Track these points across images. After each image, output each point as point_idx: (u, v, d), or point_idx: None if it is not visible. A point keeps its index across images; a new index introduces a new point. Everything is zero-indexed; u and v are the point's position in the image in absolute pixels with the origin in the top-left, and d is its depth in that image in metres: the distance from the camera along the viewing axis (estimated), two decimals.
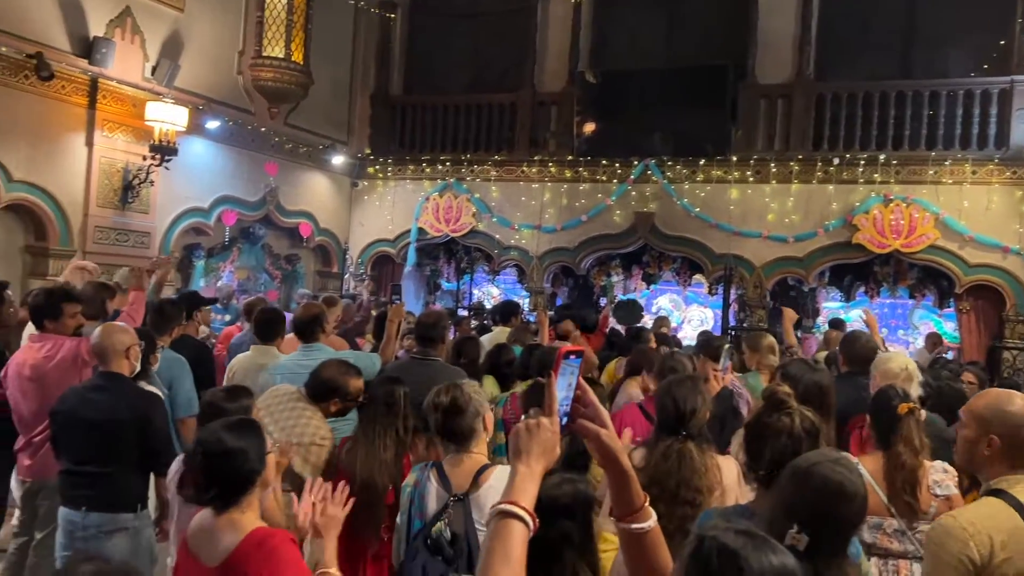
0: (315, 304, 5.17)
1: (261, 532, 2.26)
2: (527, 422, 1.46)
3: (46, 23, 7.20)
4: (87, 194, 7.65)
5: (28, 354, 4.18)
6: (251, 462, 2.29)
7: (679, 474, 2.80)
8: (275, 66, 9.43)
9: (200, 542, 2.28)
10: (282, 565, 2.19)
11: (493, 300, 11.79)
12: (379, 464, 3.23)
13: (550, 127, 10.87)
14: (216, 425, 2.35)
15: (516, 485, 1.41)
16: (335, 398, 3.63)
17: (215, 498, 2.26)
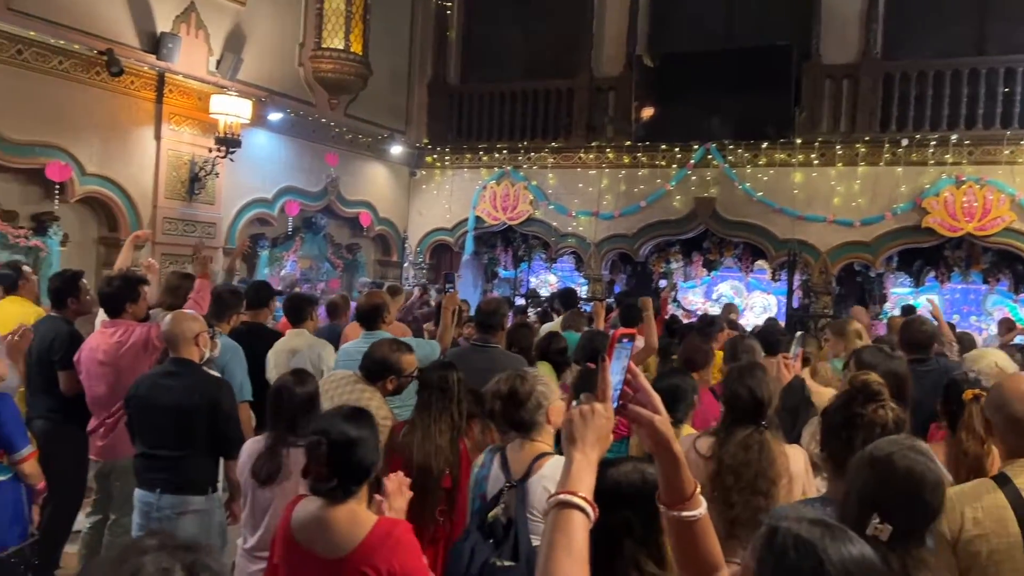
0: (378, 293, 5.27)
1: (387, 523, 2.26)
2: (581, 408, 1.41)
3: (116, 20, 7.41)
4: (156, 186, 7.88)
5: (101, 339, 4.33)
6: (371, 452, 2.29)
7: (759, 464, 2.76)
8: (335, 57, 9.54)
9: (314, 534, 2.25)
10: (409, 555, 2.21)
11: (550, 288, 11.77)
12: (435, 449, 3.25)
13: (608, 112, 10.77)
14: (335, 415, 2.34)
15: (573, 474, 1.36)
16: (390, 375, 3.72)
17: (335, 488, 2.23)
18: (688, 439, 3.09)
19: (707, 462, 2.91)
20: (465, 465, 3.29)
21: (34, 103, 6.77)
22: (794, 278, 9.30)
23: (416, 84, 11.58)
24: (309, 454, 2.25)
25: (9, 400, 3.40)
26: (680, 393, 3.55)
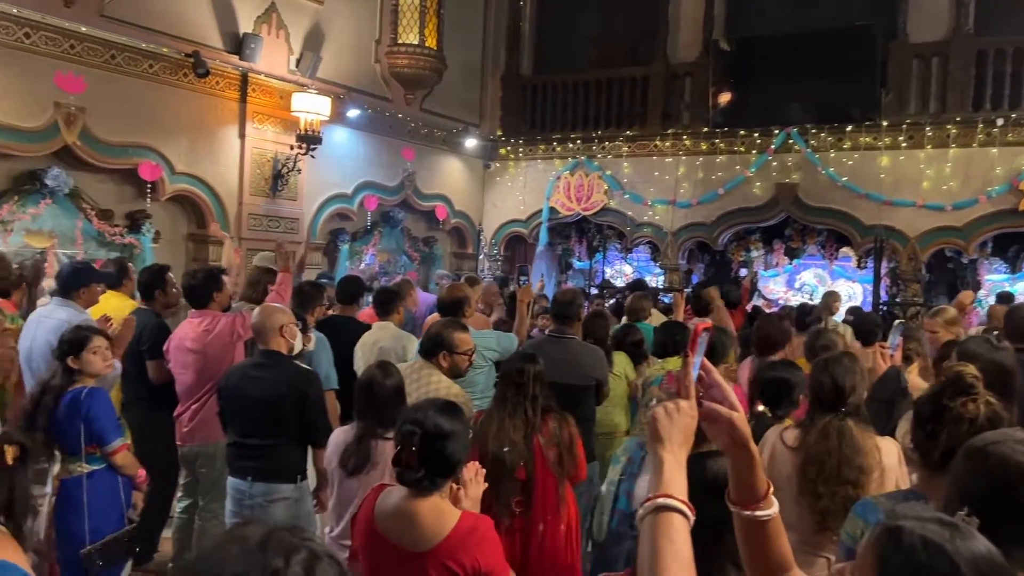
0: (460, 286, 5.33)
1: (472, 518, 2.27)
2: (666, 406, 1.36)
3: (201, 23, 7.66)
4: (241, 183, 8.12)
5: (189, 329, 4.51)
6: (461, 448, 2.30)
7: (840, 452, 2.70)
8: (410, 53, 9.65)
9: (400, 527, 2.26)
10: (492, 551, 2.23)
11: (625, 278, 11.68)
12: (508, 443, 3.27)
13: (684, 99, 10.60)
14: (428, 406, 2.34)
15: (666, 475, 1.31)
16: (442, 351, 3.81)
17: (422, 479, 2.24)
18: (775, 432, 3.02)
19: (794, 454, 2.85)
20: (539, 457, 3.30)
21: (127, 106, 7.06)
22: (881, 265, 9.00)
23: (489, 77, 11.62)
24: (402, 443, 2.26)
25: (101, 394, 3.51)
26: (786, 386, 3.40)
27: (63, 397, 3.42)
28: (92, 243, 7.01)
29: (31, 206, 6.56)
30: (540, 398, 3.39)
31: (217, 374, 4.32)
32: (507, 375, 3.44)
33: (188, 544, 4.63)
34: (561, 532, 3.32)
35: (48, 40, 6.44)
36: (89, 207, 6.99)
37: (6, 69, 6.21)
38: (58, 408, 3.43)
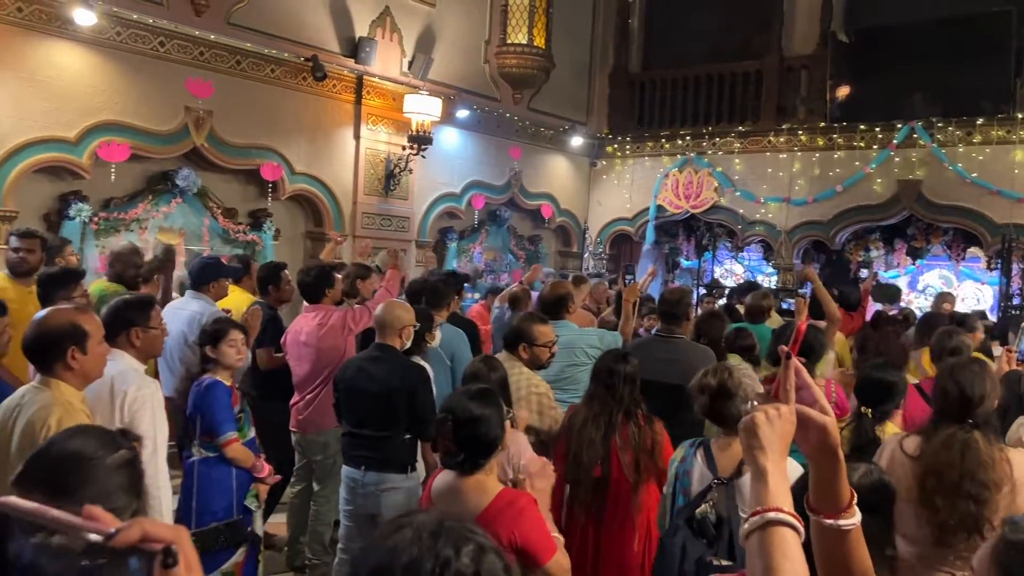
0: (562, 283, 5.35)
1: (509, 493, 2.40)
2: (766, 411, 1.27)
3: (319, 28, 7.96)
4: (355, 183, 8.40)
5: (303, 322, 4.72)
6: (494, 428, 2.43)
7: (962, 466, 2.55)
8: (518, 52, 9.72)
9: (447, 503, 2.42)
10: (530, 524, 2.32)
11: (735, 279, 11.40)
12: (589, 439, 3.29)
13: (800, 93, 10.25)
14: (461, 395, 2.52)
15: (771, 487, 1.22)
16: (521, 343, 3.92)
17: (463, 461, 2.40)
18: (894, 439, 2.90)
19: (914, 463, 2.72)
20: (616, 462, 3.28)
21: (250, 109, 7.41)
22: (1011, 266, 8.44)
23: (597, 74, 11.57)
24: (437, 430, 2.45)
25: (219, 388, 3.66)
26: (889, 389, 3.34)
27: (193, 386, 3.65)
28: (217, 240, 7.41)
29: (163, 205, 7.00)
30: (626, 400, 3.37)
31: (330, 365, 4.51)
32: (597, 373, 3.45)
33: (303, 528, 4.84)
34: (634, 535, 3.31)
35: (180, 48, 6.84)
36: (215, 205, 7.39)
37: (142, 76, 6.63)
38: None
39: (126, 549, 0.63)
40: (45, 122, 6.10)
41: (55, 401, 2.51)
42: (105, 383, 2.90)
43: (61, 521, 0.64)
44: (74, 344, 2.56)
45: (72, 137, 6.25)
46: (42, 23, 6.02)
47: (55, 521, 0.64)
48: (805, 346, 4.16)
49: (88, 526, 0.64)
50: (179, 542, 0.65)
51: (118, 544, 0.63)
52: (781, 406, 1.28)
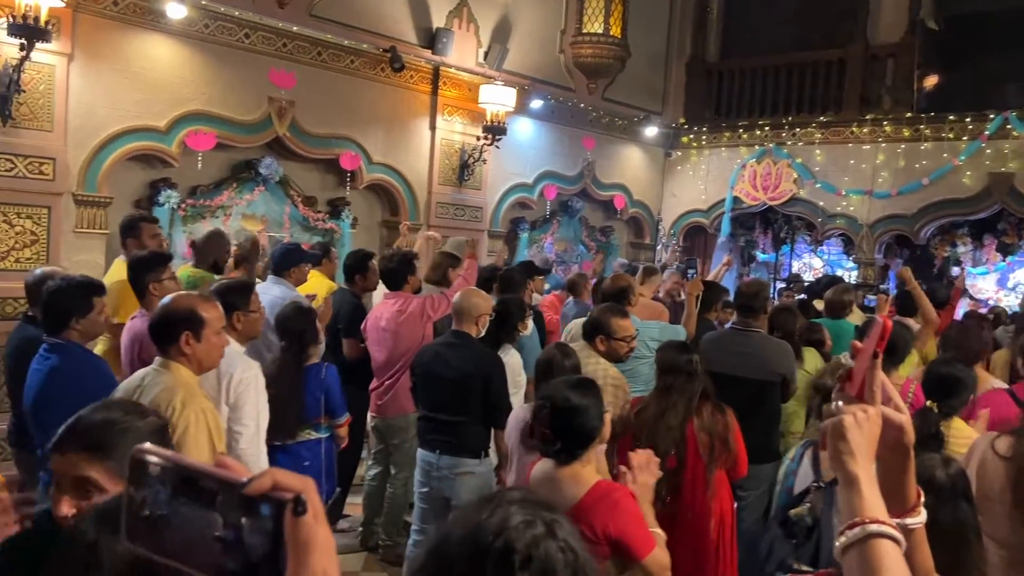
0: (623, 276, 5.36)
1: (605, 485, 2.38)
2: (854, 414, 1.19)
3: (397, 20, 8.07)
4: (430, 173, 8.49)
5: (383, 309, 4.82)
6: (593, 419, 2.41)
7: None
8: (594, 42, 9.66)
9: (544, 491, 2.40)
10: (626, 516, 2.29)
11: (813, 273, 11.13)
12: (665, 429, 3.28)
13: (885, 82, 9.91)
14: (560, 383, 2.50)
15: (866, 495, 1.16)
16: (599, 335, 3.93)
17: (560, 451, 2.40)
18: (985, 439, 2.80)
19: (1007, 464, 2.63)
20: (692, 446, 3.26)
21: (330, 99, 7.57)
22: None
23: (674, 64, 11.41)
24: (534, 417, 2.46)
25: (335, 371, 3.86)
26: (956, 384, 3.25)
27: (307, 370, 3.77)
28: (297, 227, 7.61)
29: (247, 193, 7.21)
30: (700, 386, 3.39)
31: (408, 352, 4.59)
32: (676, 365, 3.41)
33: (378, 510, 4.95)
34: (709, 521, 3.29)
35: (264, 39, 7.02)
36: (296, 194, 7.58)
37: (228, 67, 6.84)
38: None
39: (257, 497, 0.67)
40: (137, 112, 6.35)
41: (177, 383, 2.62)
42: None
43: (195, 467, 0.68)
44: (189, 330, 2.66)
45: (162, 126, 6.49)
46: (136, 16, 6.26)
47: (189, 467, 0.68)
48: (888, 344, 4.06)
49: (222, 474, 0.68)
50: (308, 492, 0.68)
51: (251, 492, 0.67)
52: (868, 408, 1.21)
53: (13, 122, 5.59)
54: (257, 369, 3.19)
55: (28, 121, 5.70)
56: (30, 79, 5.63)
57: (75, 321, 3.16)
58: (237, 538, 0.67)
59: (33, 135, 5.73)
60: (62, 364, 3.04)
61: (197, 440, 2.52)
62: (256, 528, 0.67)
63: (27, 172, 5.72)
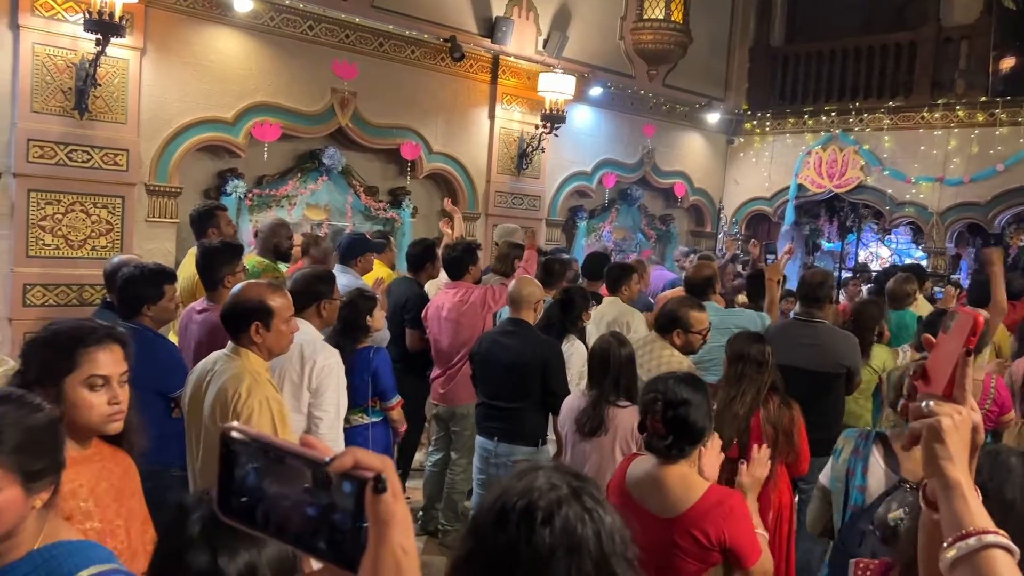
0: (708, 264, 5.28)
1: (719, 491, 2.33)
2: (951, 415, 1.12)
3: (457, 9, 8.10)
4: (489, 162, 8.53)
5: (445, 298, 4.87)
6: (704, 416, 2.37)
7: None
8: (655, 28, 9.54)
9: (647, 491, 2.36)
10: (739, 525, 2.26)
11: (881, 263, 10.84)
12: (731, 418, 3.25)
13: (958, 65, 9.56)
14: (668, 378, 2.44)
15: (971, 504, 1.09)
16: (676, 328, 3.90)
17: (670, 446, 2.33)
18: None
19: None
20: (755, 437, 3.23)
21: (392, 90, 7.66)
22: None
23: (737, 49, 11.21)
24: (645, 411, 2.38)
25: (386, 355, 3.94)
26: None
27: (356, 353, 3.85)
28: (359, 216, 7.73)
29: (311, 182, 7.35)
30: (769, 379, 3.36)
31: (469, 341, 4.64)
32: (748, 355, 3.37)
33: (438, 496, 5.03)
34: (768, 515, 3.24)
35: (327, 31, 7.14)
36: (358, 183, 7.70)
37: (293, 59, 6.97)
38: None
39: (340, 475, 0.70)
40: (206, 104, 6.53)
41: (244, 369, 2.71)
42: (295, 349, 3.14)
43: (282, 446, 0.72)
44: (259, 320, 2.75)
45: (230, 118, 6.66)
46: (204, 10, 6.43)
47: (277, 446, 0.72)
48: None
49: (307, 452, 0.71)
50: (387, 471, 0.72)
51: (334, 470, 0.70)
52: (962, 409, 1.14)
53: (89, 115, 5.80)
54: (338, 356, 3.30)
55: (103, 114, 5.91)
56: (105, 73, 5.84)
57: (147, 307, 3.28)
58: (321, 514, 0.71)
59: (108, 127, 5.95)
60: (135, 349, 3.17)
61: (260, 427, 2.59)
62: (339, 505, 0.71)
63: (102, 163, 5.94)
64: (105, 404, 1.94)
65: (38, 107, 5.63)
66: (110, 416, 1.96)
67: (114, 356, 1.98)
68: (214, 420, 2.67)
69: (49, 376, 1.90)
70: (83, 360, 1.92)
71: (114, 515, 1.92)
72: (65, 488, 1.81)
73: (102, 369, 1.94)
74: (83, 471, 1.89)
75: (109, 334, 2.00)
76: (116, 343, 2.01)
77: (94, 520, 1.85)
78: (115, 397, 1.96)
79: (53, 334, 1.97)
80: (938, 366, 1.18)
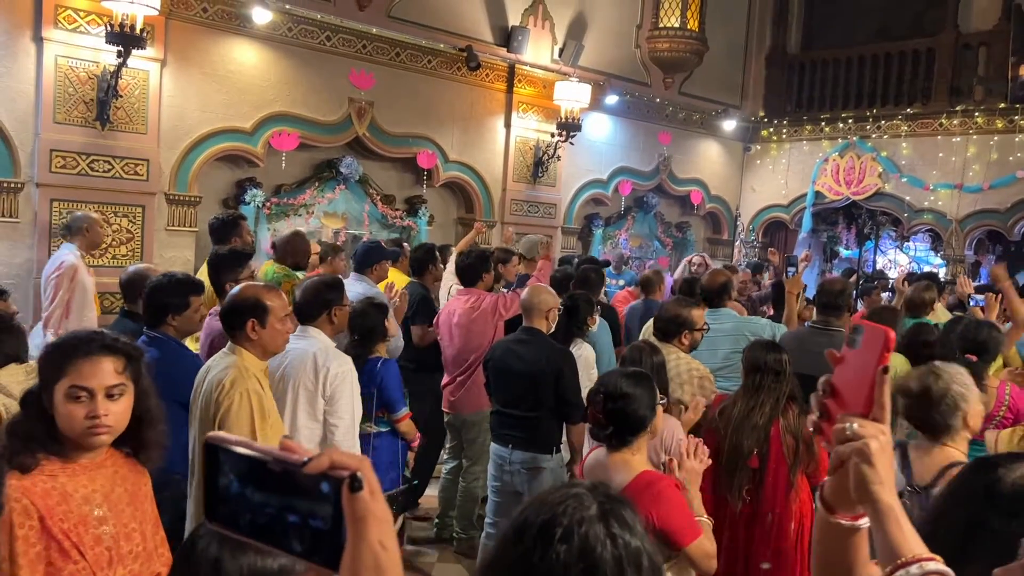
0: (722, 271, 5.27)
1: (649, 475, 2.46)
2: (877, 437, 1.07)
3: (473, 19, 8.15)
4: (505, 170, 8.57)
5: (457, 304, 4.90)
6: (643, 407, 2.52)
7: None
8: (671, 36, 9.55)
9: (596, 475, 2.52)
10: (669, 506, 2.36)
11: (899, 269, 10.75)
12: (750, 428, 3.25)
13: (977, 72, 9.50)
14: (616, 373, 2.68)
15: (906, 529, 1.07)
16: (684, 330, 3.92)
17: (610, 436, 2.53)
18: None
19: None
20: (776, 447, 3.23)
21: (408, 99, 7.71)
22: None
23: (753, 56, 11.19)
24: (588, 402, 2.60)
25: (393, 366, 3.93)
26: None
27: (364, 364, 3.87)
28: (376, 225, 7.78)
29: (328, 191, 7.42)
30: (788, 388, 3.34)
31: (478, 348, 4.66)
32: (765, 364, 3.36)
33: (452, 503, 5.04)
34: (790, 527, 3.25)
35: (344, 42, 7.21)
36: (375, 192, 7.76)
37: (311, 69, 7.05)
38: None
39: (318, 476, 0.73)
40: (225, 114, 6.61)
41: (234, 365, 2.79)
42: (307, 357, 3.19)
43: (263, 450, 0.75)
44: (254, 317, 2.81)
45: (248, 127, 6.73)
46: (224, 21, 6.51)
47: (258, 451, 0.75)
48: (979, 345, 3.90)
49: (286, 456, 0.74)
50: (364, 470, 0.74)
51: (311, 471, 0.73)
52: (884, 427, 1.09)
53: (111, 125, 5.90)
54: (351, 364, 3.33)
55: (124, 124, 6.00)
56: (126, 84, 5.93)
57: (171, 317, 3.31)
58: (303, 517, 0.74)
59: (129, 138, 6.04)
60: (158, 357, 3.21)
61: (238, 419, 2.66)
62: (319, 506, 0.74)
63: (123, 173, 6.03)
64: (82, 417, 1.86)
65: (61, 118, 5.72)
66: (88, 430, 1.86)
67: (101, 368, 1.89)
68: (204, 414, 2.75)
69: (45, 383, 1.91)
70: (69, 370, 1.88)
71: (129, 519, 1.94)
72: (79, 494, 1.85)
73: (83, 380, 1.87)
74: (96, 477, 1.91)
75: (105, 345, 1.92)
76: (112, 355, 1.92)
77: (108, 525, 1.88)
78: (94, 411, 1.86)
79: (58, 342, 1.99)
80: (849, 383, 1.12)
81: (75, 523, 1.82)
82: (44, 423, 1.88)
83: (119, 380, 1.92)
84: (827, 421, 1.13)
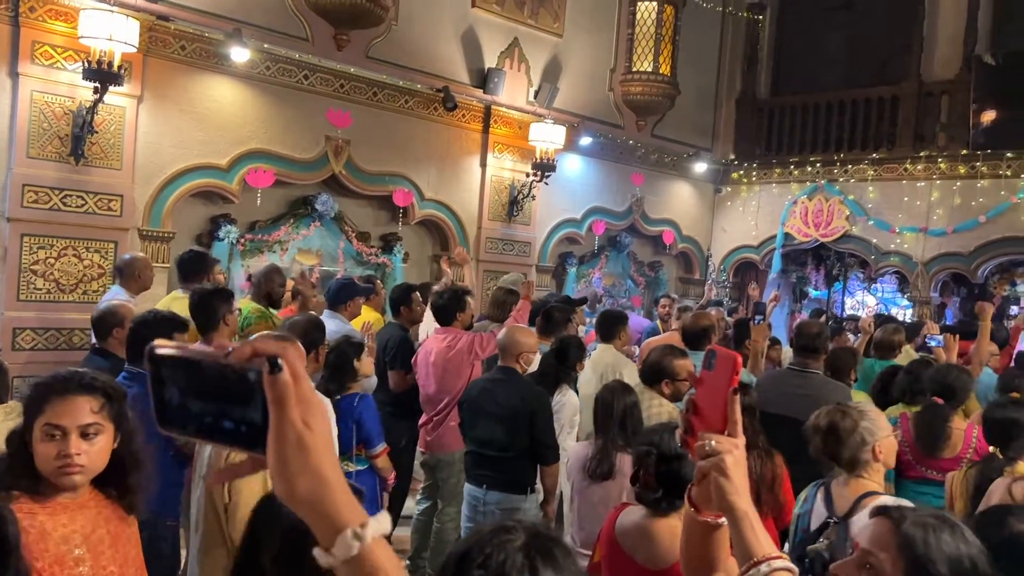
0: (705, 315, 5.33)
1: None
2: (732, 452, 1.22)
3: (450, 60, 8.26)
4: (480, 209, 8.63)
5: (434, 343, 4.90)
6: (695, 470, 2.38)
7: None
8: (644, 80, 9.75)
9: (637, 542, 2.37)
10: None
11: (867, 311, 10.93)
12: None
13: (940, 119, 9.79)
14: (663, 430, 2.42)
15: (759, 533, 1.23)
16: (664, 379, 3.94)
17: (660, 499, 2.32)
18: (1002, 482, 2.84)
19: None
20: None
21: (385, 138, 7.77)
22: None
23: (723, 100, 11.45)
24: (639, 463, 2.37)
25: (371, 402, 3.94)
26: (1014, 428, 3.24)
27: (341, 401, 3.86)
28: (351, 262, 7.78)
29: (303, 228, 7.42)
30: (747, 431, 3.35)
31: (455, 387, 4.66)
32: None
33: (425, 543, 4.99)
34: None
35: (322, 81, 7.26)
36: (350, 229, 7.76)
37: (288, 107, 7.08)
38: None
39: (244, 365, 0.77)
40: (201, 150, 6.61)
41: None
42: None
43: (195, 352, 0.79)
44: None
45: (224, 164, 6.73)
46: (202, 59, 6.54)
47: (192, 353, 0.79)
48: (947, 388, 3.98)
49: (213, 353, 0.78)
50: (284, 354, 0.77)
51: (235, 359, 0.77)
52: (738, 442, 1.24)
53: (85, 161, 5.87)
54: (328, 402, 3.32)
55: (99, 160, 5.98)
56: (102, 120, 5.92)
57: None
58: (236, 421, 0.78)
59: (103, 173, 6.01)
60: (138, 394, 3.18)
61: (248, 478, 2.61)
62: (250, 404, 0.78)
63: (96, 208, 5.99)
64: (52, 457, 1.84)
65: (34, 153, 5.69)
66: (59, 468, 1.85)
67: (76, 407, 1.88)
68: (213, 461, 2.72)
69: (26, 421, 1.90)
70: (46, 408, 1.87)
71: (108, 561, 1.92)
72: (57, 534, 1.83)
73: (57, 419, 1.85)
74: (77, 517, 1.89)
75: (82, 384, 1.91)
76: (89, 395, 1.90)
77: (85, 566, 1.86)
78: (64, 450, 1.84)
79: (40, 380, 1.97)
80: (709, 402, 1.25)
81: (51, 562, 1.80)
82: (25, 461, 1.86)
83: (94, 419, 1.91)
84: (692, 436, 1.27)
